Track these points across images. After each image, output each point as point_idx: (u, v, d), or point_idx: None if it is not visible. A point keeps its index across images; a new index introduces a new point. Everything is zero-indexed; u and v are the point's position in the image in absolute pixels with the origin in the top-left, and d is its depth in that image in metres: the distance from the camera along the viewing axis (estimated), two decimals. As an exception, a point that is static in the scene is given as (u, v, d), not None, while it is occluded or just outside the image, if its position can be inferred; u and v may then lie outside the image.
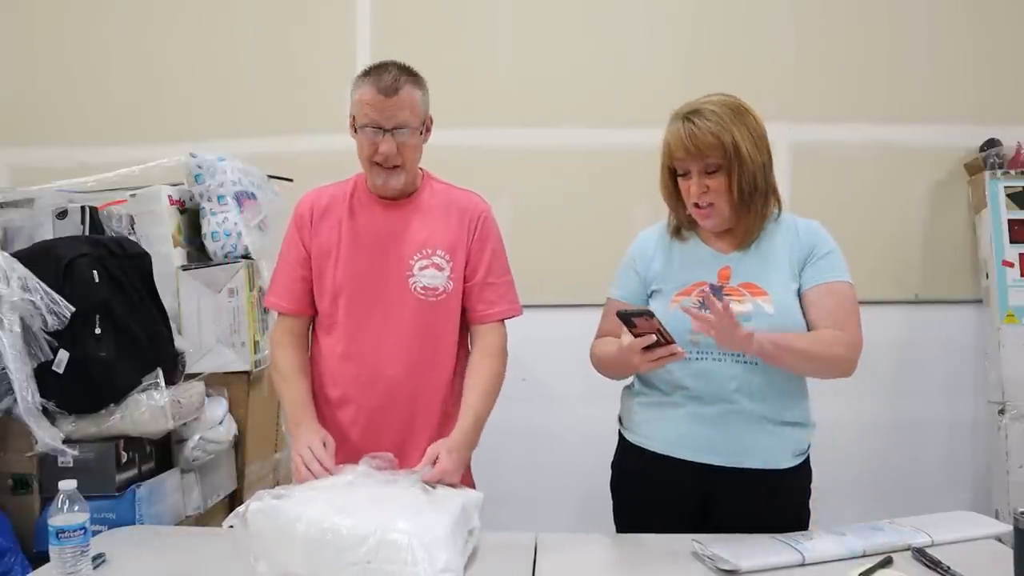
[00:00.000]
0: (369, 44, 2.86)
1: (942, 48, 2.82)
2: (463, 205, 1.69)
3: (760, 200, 1.50)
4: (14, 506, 1.70)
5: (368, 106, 1.55)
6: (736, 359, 1.48)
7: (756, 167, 1.47)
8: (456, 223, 1.67)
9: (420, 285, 1.63)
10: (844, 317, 1.48)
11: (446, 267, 1.64)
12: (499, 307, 1.68)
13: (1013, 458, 2.61)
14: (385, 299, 1.63)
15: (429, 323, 1.63)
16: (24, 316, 1.63)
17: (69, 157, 2.76)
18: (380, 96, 1.54)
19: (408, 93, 1.56)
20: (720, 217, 1.51)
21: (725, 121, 1.45)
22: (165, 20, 2.91)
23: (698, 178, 1.48)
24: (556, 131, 2.84)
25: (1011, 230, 2.68)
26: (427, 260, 1.63)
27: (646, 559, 1.39)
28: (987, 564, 1.30)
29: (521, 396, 2.74)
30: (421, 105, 1.60)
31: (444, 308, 1.64)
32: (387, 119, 1.55)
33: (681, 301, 1.51)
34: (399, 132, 1.56)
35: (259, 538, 1.26)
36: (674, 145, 1.49)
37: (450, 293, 1.64)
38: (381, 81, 1.55)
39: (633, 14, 2.86)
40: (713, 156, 1.45)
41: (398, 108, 1.55)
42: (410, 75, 1.59)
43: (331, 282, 1.65)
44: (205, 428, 1.99)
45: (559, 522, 2.53)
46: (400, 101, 1.55)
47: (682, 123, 1.48)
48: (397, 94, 1.54)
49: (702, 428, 1.49)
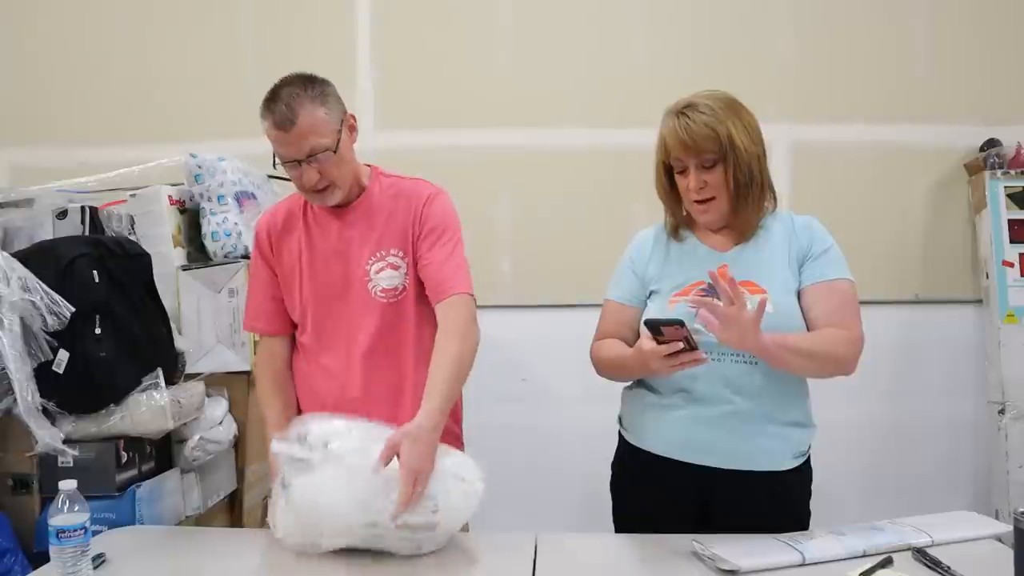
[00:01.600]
0: (369, 44, 2.86)
1: (942, 48, 2.82)
2: (408, 194, 1.64)
3: (756, 192, 1.50)
4: (14, 506, 1.70)
5: (275, 143, 1.51)
6: (735, 359, 1.47)
7: (751, 157, 1.47)
8: (403, 214, 1.63)
9: (379, 288, 1.61)
10: (845, 316, 1.48)
11: (401, 264, 1.61)
12: (453, 281, 1.59)
13: (1013, 458, 2.61)
14: (351, 310, 1.62)
15: (394, 323, 1.61)
16: (24, 316, 1.63)
17: (69, 157, 2.76)
18: (280, 132, 1.48)
19: (307, 118, 1.48)
20: (719, 211, 1.52)
21: (719, 114, 1.46)
22: (165, 20, 2.91)
23: (696, 173, 1.49)
24: (556, 131, 2.84)
25: (1011, 230, 2.69)
26: (382, 262, 1.61)
27: (646, 559, 1.39)
28: (987, 564, 1.30)
29: (521, 396, 2.75)
30: (328, 119, 1.51)
31: (406, 305, 1.62)
32: (296, 152, 1.50)
33: (679, 301, 1.51)
34: (314, 159, 1.50)
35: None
36: (670, 141, 1.50)
37: (408, 288, 1.62)
38: (275, 114, 1.48)
39: (633, 14, 2.86)
40: (709, 149, 1.46)
41: (301, 138, 1.48)
42: (308, 89, 1.50)
43: (299, 300, 1.65)
44: (205, 428, 1.99)
45: (559, 522, 2.53)
46: (300, 131, 1.47)
47: (676, 118, 1.49)
48: (295, 125, 1.47)
49: (702, 430, 1.49)
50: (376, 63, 2.83)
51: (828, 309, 1.48)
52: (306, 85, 1.51)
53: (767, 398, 1.48)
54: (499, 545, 1.44)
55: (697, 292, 1.51)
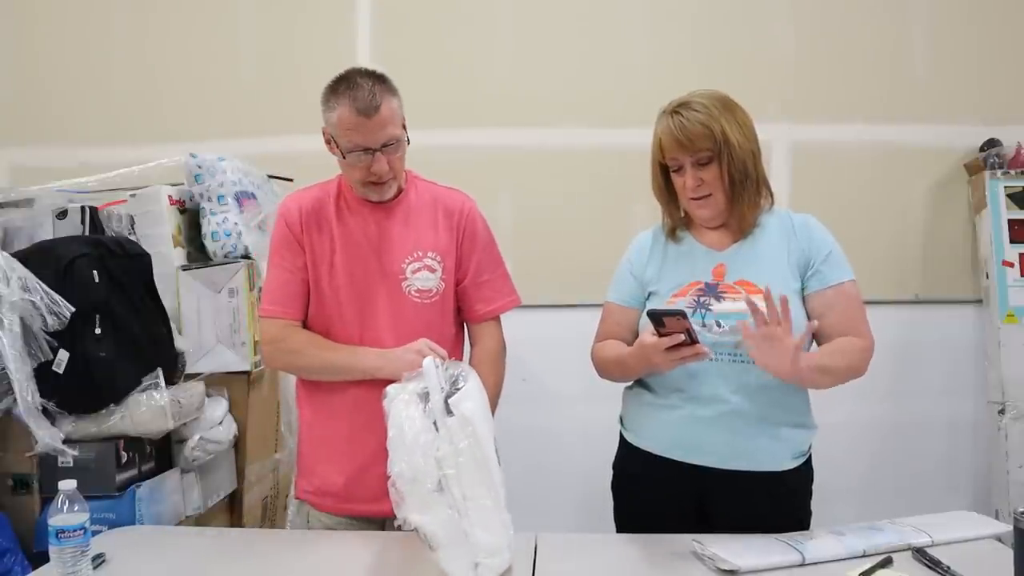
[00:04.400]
0: (369, 44, 2.87)
1: (942, 48, 2.82)
2: (448, 204, 1.67)
3: (752, 188, 1.51)
4: (14, 506, 1.70)
5: (351, 130, 1.48)
6: (732, 359, 1.47)
7: (746, 154, 1.49)
8: (444, 223, 1.65)
9: (414, 288, 1.61)
10: (856, 322, 1.51)
11: (438, 268, 1.62)
12: (495, 304, 1.68)
13: (1013, 458, 2.61)
14: (382, 304, 1.61)
15: (426, 325, 1.61)
16: (24, 316, 1.63)
17: (69, 157, 2.76)
18: (362, 118, 1.47)
19: (387, 105, 1.49)
20: (716, 208, 1.52)
21: (713, 111, 1.48)
22: (165, 20, 2.91)
23: (692, 171, 1.50)
24: (556, 131, 2.84)
25: (1011, 230, 2.68)
26: (419, 263, 1.62)
27: (646, 559, 1.39)
28: (987, 564, 1.30)
29: (521, 396, 2.74)
30: (400, 111, 1.54)
31: (439, 309, 1.64)
32: (374, 140, 1.49)
33: (676, 302, 1.51)
34: (387, 149, 1.51)
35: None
36: (665, 140, 1.51)
37: (443, 294, 1.63)
38: (358, 100, 1.46)
39: (633, 14, 2.86)
40: (704, 147, 1.47)
41: (382, 126, 1.48)
42: (381, 81, 1.51)
43: (328, 289, 1.62)
44: (205, 428, 1.99)
45: (559, 522, 2.53)
46: (383, 119, 1.48)
47: (671, 117, 1.50)
48: (379, 111, 1.47)
49: (701, 430, 1.49)
50: (376, 63, 2.81)
51: (841, 318, 1.49)
52: (378, 76, 1.52)
53: (766, 398, 1.48)
54: (499, 545, 1.43)
55: (694, 292, 1.51)
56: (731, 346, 1.46)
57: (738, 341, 1.42)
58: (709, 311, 1.47)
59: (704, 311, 1.48)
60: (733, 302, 1.47)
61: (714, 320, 1.46)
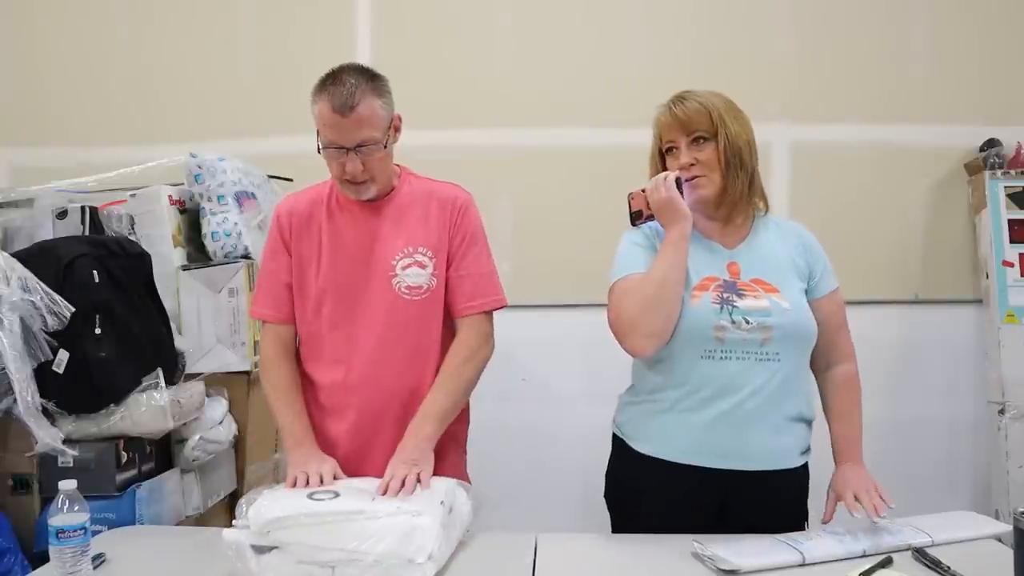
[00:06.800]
0: (369, 44, 2.86)
1: (942, 48, 2.82)
2: (442, 197, 1.65)
3: (745, 179, 1.51)
4: (14, 506, 1.70)
5: (327, 127, 1.49)
6: (759, 358, 1.46)
7: (741, 142, 1.50)
8: (436, 216, 1.63)
9: (404, 285, 1.60)
10: (844, 329, 1.61)
11: (429, 264, 1.61)
12: (477, 300, 1.63)
13: (1013, 458, 2.61)
14: (370, 302, 1.60)
15: (416, 322, 1.60)
16: (24, 316, 1.63)
17: (69, 157, 2.76)
18: (336, 115, 1.46)
19: (367, 106, 1.47)
20: (710, 188, 1.52)
21: (712, 99, 1.52)
22: (165, 20, 2.91)
23: (687, 149, 1.52)
24: (556, 131, 2.84)
25: (1011, 230, 2.68)
26: (409, 259, 1.60)
27: (646, 559, 1.39)
28: (987, 564, 1.30)
29: (521, 396, 2.75)
30: (383, 113, 1.52)
31: (429, 305, 1.62)
32: (347, 139, 1.48)
33: (700, 296, 1.48)
34: (362, 150, 1.50)
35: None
36: (663, 120, 1.55)
37: (434, 290, 1.62)
38: (335, 98, 1.46)
39: (633, 14, 2.86)
40: (701, 126, 1.50)
41: (357, 126, 1.47)
42: (368, 80, 1.50)
43: (313, 289, 1.62)
44: (205, 428, 2.00)
45: (559, 522, 2.54)
46: (359, 118, 1.47)
47: (670, 105, 1.55)
48: (354, 111, 1.46)
49: (729, 432, 1.46)
50: (376, 63, 2.80)
51: (832, 322, 1.58)
52: (368, 75, 1.51)
53: (785, 394, 1.47)
54: (499, 545, 1.44)
55: (716, 288, 1.49)
56: (758, 343, 1.45)
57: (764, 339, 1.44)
58: (736, 307, 1.47)
59: (731, 307, 1.47)
60: (755, 299, 1.47)
61: (742, 317, 1.46)
